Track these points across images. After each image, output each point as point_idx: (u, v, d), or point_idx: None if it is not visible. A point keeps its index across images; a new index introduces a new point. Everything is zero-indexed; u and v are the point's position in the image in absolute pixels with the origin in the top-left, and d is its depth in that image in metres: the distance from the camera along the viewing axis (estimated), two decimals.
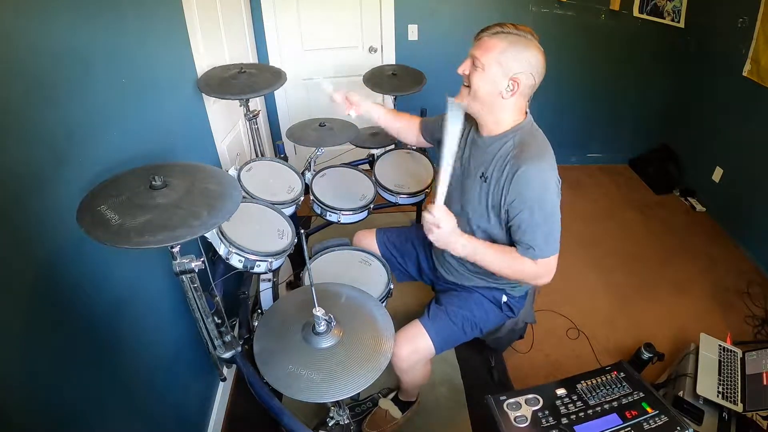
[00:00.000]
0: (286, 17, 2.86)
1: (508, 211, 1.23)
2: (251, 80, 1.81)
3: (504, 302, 1.49)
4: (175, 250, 1.00)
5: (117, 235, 0.84)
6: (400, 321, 1.47)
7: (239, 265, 1.39)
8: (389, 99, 2.46)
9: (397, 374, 1.51)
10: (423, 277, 1.71)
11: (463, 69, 1.21)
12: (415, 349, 1.40)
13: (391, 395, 1.76)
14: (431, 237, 1.21)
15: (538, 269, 1.25)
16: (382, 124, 1.64)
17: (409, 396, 1.73)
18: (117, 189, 0.95)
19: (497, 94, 1.18)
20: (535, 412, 1.13)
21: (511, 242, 1.29)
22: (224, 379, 1.71)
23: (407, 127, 1.64)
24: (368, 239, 1.73)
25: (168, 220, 0.90)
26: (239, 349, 1.37)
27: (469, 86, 1.21)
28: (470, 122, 1.35)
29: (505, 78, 1.15)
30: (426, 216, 1.18)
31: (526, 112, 1.27)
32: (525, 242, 1.23)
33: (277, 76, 1.88)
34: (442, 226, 1.17)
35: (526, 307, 1.64)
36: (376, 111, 1.59)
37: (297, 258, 1.92)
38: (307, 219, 2.78)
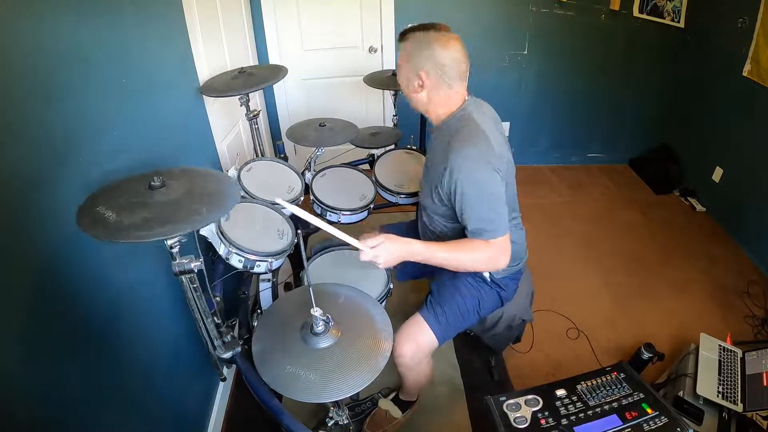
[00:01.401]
0: (286, 17, 2.86)
1: (452, 201, 1.29)
2: (251, 77, 1.81)
3: (490, 278, 1.49)
4: (174, 250, 1.00)
5: (116, 231, 0.84)
6: (400, 320, 1.47)
7: (239, 265, 1.39)
8: (389, 94, 2.46)
9: (401, 373, 1.51)
10: (420, 267, 1.71)
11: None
12: (418, 346, 1.42)
13: (392, 395, 1.76)
14: (383, 264, 1.27)
15: (492, 251, 1.26)
16: None
17: (409, 396, 1.73)
18: (117, 191, 0.95)
19: (412, 90, 1.30)
20: (534, 413, 1.13)
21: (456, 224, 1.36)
22: (224, 379, 1.71)
23: None
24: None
25: (167, 215, 0.89)
26: (239, 349, 1.37)
27: None
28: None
29: (414, 74, 1.27)
30: (363, 256, 1.25)
31: (464, 100, 1.32)
32: (472, 226, 1.26)
33: (276, 71, 1.88)
34: (380, 252, 1.24)
35: (523, 304, 1.64)
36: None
37: (297, 258, 1.92)
38: None
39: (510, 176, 1.35)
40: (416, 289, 2.27)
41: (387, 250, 1.25)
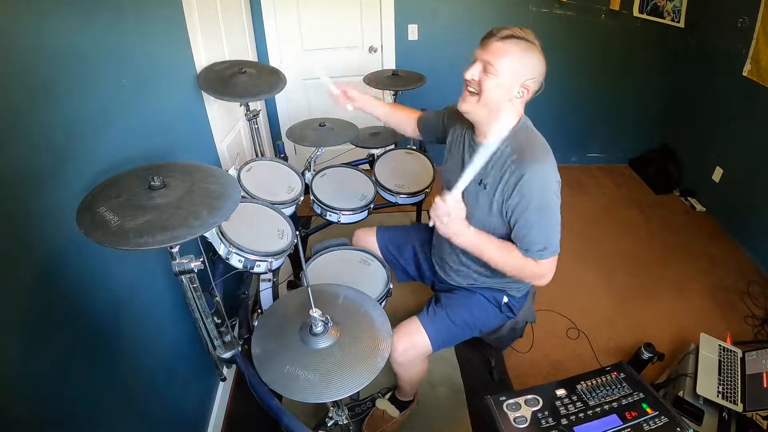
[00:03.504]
0: (286, 17, 2.86)
1: (511, 215, 1.23)
2: (251, 82, 1.81)
3: (504, 303, 1.49)
4: (175, 250, 1.00)
5: (116, 237, 0.84)
6: (400, 320, 1.47)
7: (239, 265, 1.39)
8: (389, 95, 2.46)
9: (394, 369, 1.50)
10: (423, 278, 1.71)
11: (473, 74, 1.17)
12: (413, 344, 1.41)
13: (389, 395, 1.76)
14: (440, 226, 1.18)
15: (539, 269, 1.26)
16: (381, 116, 1.64)
17: (406, 395, 1.73)
18: (116, 190, 0.95)
19: (507, 99, 1.18)
20: (534, 413, 1.13)
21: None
22: (224, 379, 1.71)
23: (405, 121, 1.65)
24: (368, 237, 1.73)
25: (167, 220, 0.89)
26: (239, 349, 1.37)
27: (477, 92, 1.18)
28: (464, 124, 1.35)
29: (517, 84, 1.16)
30: (438, 203, 1.14)
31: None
32: (527, 244, 1.23)
33: (276, 80, 1.89)
34: (453, 215, 1.15)
35: (526, 305, 1.64)
36: (373, 104, 1.60)
37: (297, 258, 1.92)
38: (307, 219, 2.78)
39: None
40: (416, 290, 2.27)
41: (456, 220, 1.17)
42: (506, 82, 1.15)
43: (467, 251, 1.30)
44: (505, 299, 1.48)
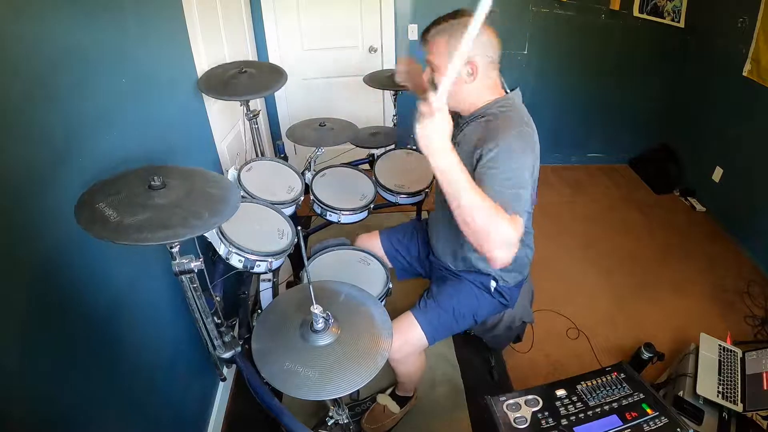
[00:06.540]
0: (286, 17, 2.86)
1: (480, 168, 1.15)
2: (252, 81, 1.81)
3: (494, 288, 1.49)
4: (175, 249, 1.00)
5: (116, 232, 0.84)
6: None
7: (239, 265, 1.39)
8: (389, 95, 2.46)
9: (392, 366, 1.51)
10: (421, 266, 1.73)
11: (427, 78, 1.26)
12: (406, 340, 1.41)
13: (389, 391, 1.76)
14: (419, 128, 1.01)
15: (514, 226, 1.06)
16: None
17: (406, 391, 1.73)
18: (116, 188, 0.95)
19: (461, 82, 1.21)
20: (534, 413, 1.13)
21: None
22: (224, 379, 1.71)
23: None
24: (372, 241, 1.74)
25: (167, 218, 0.89)
26: (239, 349, 1.37)
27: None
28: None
29: (462, 65, 1.17)
30: (421, 106, 1.00)
31: (506, 91, 1.29)
32: (494, 198, 1.08)
33: (277, 76, 1.87)
34: (436, 118, 1.00)
35: (523, 304, 1.64)
36: None
37: (297, 258, 1.92)
38: (307, 219, 2.78)
39: (535, 184, 1.22)
40: (416, 289, 2.26)
41: (437, 127, 1.00)
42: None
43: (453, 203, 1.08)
44: (494, 284, 1.49)
